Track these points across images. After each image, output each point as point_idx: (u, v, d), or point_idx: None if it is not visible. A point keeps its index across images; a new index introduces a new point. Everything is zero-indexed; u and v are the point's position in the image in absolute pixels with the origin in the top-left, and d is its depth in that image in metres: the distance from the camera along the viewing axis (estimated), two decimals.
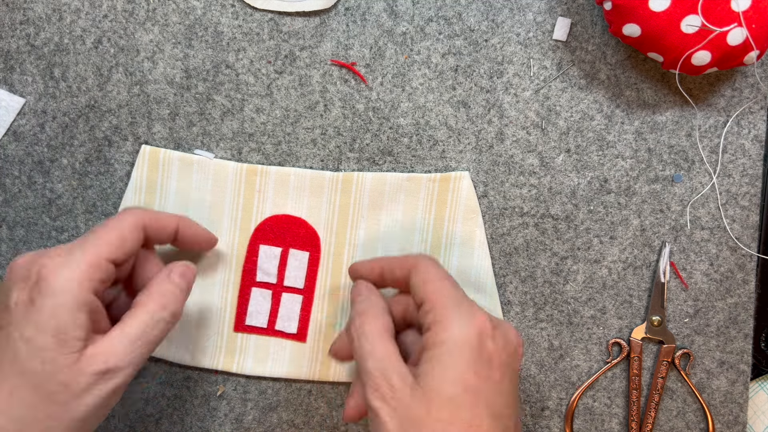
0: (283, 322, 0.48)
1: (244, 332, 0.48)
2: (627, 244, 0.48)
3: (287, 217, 0.48)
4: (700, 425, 0.49)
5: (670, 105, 0.47)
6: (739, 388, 0.48)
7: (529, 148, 0.48)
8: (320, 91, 0.48)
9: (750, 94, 0.47)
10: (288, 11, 0.47)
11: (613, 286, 0.48)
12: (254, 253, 0.48)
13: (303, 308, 0.48)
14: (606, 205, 0.48)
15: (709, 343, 0.48)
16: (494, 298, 0.48)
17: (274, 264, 0.48)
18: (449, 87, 0.47)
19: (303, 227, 0.48)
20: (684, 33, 0.41)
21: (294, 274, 0.48)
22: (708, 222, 0.48)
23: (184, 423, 0.49)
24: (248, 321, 0.48)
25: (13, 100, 0.46)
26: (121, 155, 0.48)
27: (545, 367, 0.49)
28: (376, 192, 0.48)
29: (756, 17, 0.41)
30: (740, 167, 0.47)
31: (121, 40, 0.48)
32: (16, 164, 0.49)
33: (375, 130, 0.48)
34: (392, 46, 0.47)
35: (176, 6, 0.47)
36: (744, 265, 0.48)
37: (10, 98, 0.47)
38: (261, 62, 0.47)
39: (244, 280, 0.48)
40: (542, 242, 0.48)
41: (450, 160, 0.48)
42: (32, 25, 0.48)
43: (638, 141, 0.47)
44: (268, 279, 0.48)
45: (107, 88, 0.48)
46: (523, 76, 0.47)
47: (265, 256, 0.48)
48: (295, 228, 0.48)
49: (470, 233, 0.48)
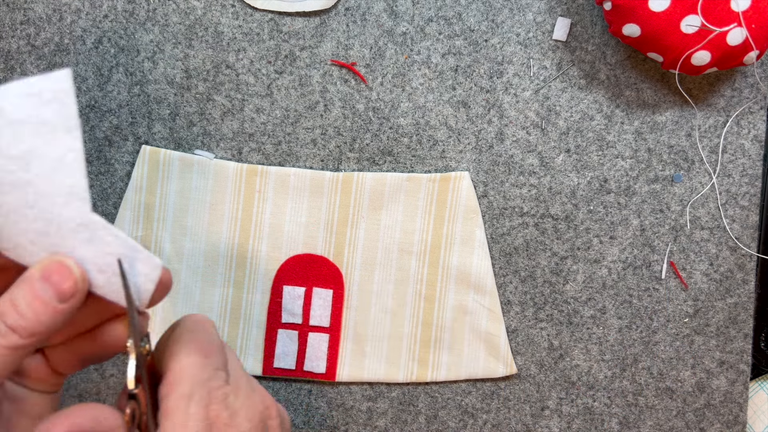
0: (311, 363, 0.48)
1: (273, 375, 0.49)
2: (627, 244, 0.48)
3: (309, 256, 0.48)
4: (699, 425, 0.49)
5: (670, 105, 0.47)
6: (739, 388, 0.49)
7: (529, 148, 0.48)
8: (320, 91, 0.48)
9: (750, 94, 0.47)
10: (288, 11, 0.47)
11: (613, 286, 0.48)
12: (278, 294, 0.48)
13: (330, 347, 0.48)
14: (606, 205, 0.48)
15: (708, 342, 0.48)
16: (494, 298, 0.48)
17: (298, 304, 0.48)
18: (449, 87, 0.47)
19: (325, 265, 0.48)
20: (684, 33, 0.41)
21: (319, 313, 0.48)
22: (708, 222, 0.48)
23: None
24: (276, 363, 0.48)
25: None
26: (121, 155, 0.48)
27: (545, 366, 0.49)
28: (376, 192, 0.48)
29: (756, 17, 0.41)
30: (740, 167, 0.47)
31: (122, 40, 0.48)
32: None
33: (375, 130, 0.48)
34: (392, 46, 0.47)
35: (176, 6, 0.47)
36: (744, 265, 0.48)
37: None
38: (261, 62, 0.47)
39: (270, 322, 0.48)
40: (542, 242, 0.48)
41: (450, 160, 0.48)
42: (33, 26, 0.48)
43: (638, 141, 0.47)
44: (293, 320, 0.48)
45: (107, 88, 0.48)
46: (523, 76, 0.47)
47: (290, 297, 0.48)
48: (318, 266, 0.48)
49: (470, 233, 0.48)
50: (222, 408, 0.29)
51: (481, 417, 0.49)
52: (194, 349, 0.29)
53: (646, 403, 0.49)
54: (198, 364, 0.29)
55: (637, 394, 0.49)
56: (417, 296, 0.48)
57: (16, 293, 0.27)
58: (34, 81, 0.24)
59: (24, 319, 0.27)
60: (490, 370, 0.48)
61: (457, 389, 0.49)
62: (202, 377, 0.29)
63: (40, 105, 0.24)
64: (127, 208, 0.48)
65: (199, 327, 0.31)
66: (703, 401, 0.49)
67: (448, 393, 0.49)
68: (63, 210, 0.27)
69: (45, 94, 0.24)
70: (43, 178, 0.25)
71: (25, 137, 0.25)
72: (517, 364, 0.49)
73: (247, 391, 0.31)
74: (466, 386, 0.49)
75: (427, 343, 0.48)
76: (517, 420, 0.49)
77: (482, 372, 0.49)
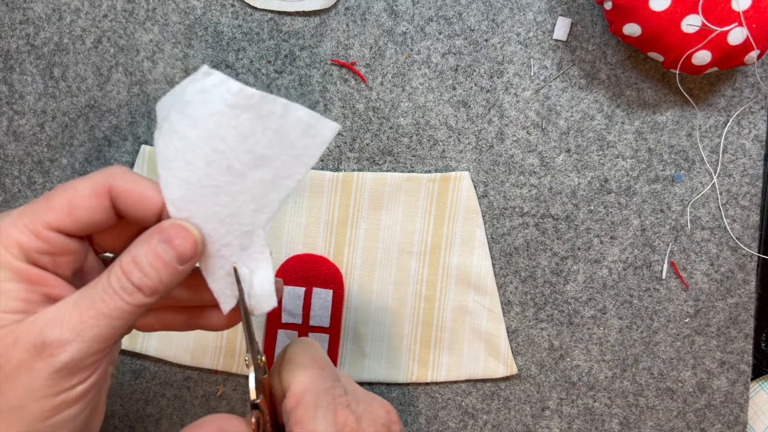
0: None
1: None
2: (627, 244, 0.48)
3: (309, 256, 0.48)
4: (700, 425, 0.49)
5: (671, 105, 0.47)
6: (740, 389, 0.48)
7: (529, 147, 0.47)
8: (320, 91, 0.47)
9: (750, 94, 0.47)
10: (288, 11, 0.47)
11: (614, 286, 0.48)
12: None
13: (330, 347, 0.48)
14: (606, 205, 0.48)
15: (709, 343, 0.48)
16: (494, 298, 0.48)
17: (298, 304, 0.48)
18: (449, 87, 0.47)
19: (325, 265, 0.48)
20: (684, 33, 0.41)
21: (319, 314, 0.48)
22: (708, 222, 0.48)
23: (183, 423, 0.49)
24: None
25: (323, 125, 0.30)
26: (120, 155, 0.48)
27: (545, 367, 0.49)
28: (376, 192, 0.48)
29: (756, 17, 0.40)
30: (741, 167, 0.47)
31: (121, 39, 0.47)
32: (15, 164, 0.49)
33: (375, 130, 0.48)
34: (392, 45, 0.47)
35: (176, 6, 0.47)
36: (744, 265, 0.48)
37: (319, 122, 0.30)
38: (261, 62, 0.47)
39: (270, 323, 0.48)
40: (542, 242, 0.48)
41: (450, 160, 0.48)
42: (32, 25, 0.48)
43: (639, 141, 0.47)
44: (293, 320, 0.48)
45: (107, 88, 0.48)
46: (524, 75, 0.47)
47: (289, 297, 0.48)
48: (317, 266, 0.48)
49: (470, 233, 0.48)
50: (348, 413, 0.31)
51: (482, 417, 0.49)
52: (310, 363, 0.31)
53: (647, 403, 0.49)
54: (317, 376, 0.31)
55: (637, 395, 0.49)
56: (417, 296, 0.48)
57: (137, 253, 0.28)
58: (314, 116, 0.28)
59: (148, 278, 0.28)
60: (491, 370, 0.48)
61: (458, 390, 0.49)
62: (324, 386, 0.31)
63: (304, 133, 0.29)
64: None
65: (308, 346, 0.33)
66: (703, 402, 0.49)
67: (449, 393, 0.49)
68: (250, 213, 0.29)
69: (312, 129, 0.29)
70: (262, 181, 0.29)
71: (274, 146, 0.28)
72: (517, 364, 0.49)
73: (366, 399, 0.33)
74: (466, 387, 0.49)
75: (428, 343, 0.48)
76: (518, 420, 0.49)
77: (482, 372, 0.48)
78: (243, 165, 0.28)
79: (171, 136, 0.28)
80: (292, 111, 0.28)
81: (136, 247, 0.28)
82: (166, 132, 0.28)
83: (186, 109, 0.27)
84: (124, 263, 0.28)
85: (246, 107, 0.27)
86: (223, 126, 0.27)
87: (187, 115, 0.27)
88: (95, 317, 0.27)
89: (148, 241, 0.28)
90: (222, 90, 0.27)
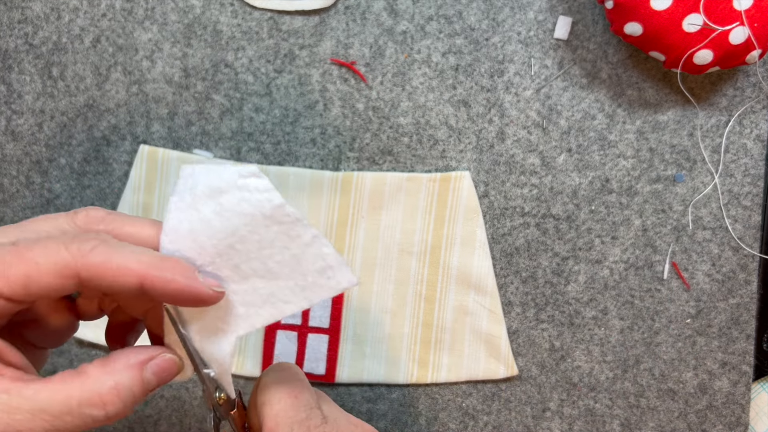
0: (310, 364, 0.48)
1: None
2: (629, 245, 0.48)
3: None
4: (701, 427, 0.49)
5: (672, 104, 0.47)
6: (741, 389, 0.48)
7: (530, 147, 0.47)
8: (320, 91, 0.47)
9: (752, 94, 0.47)
10: (287, 10, 0.47)
11: (615, 286, 0.48)
12: None
13: (330, 348, 0.48)
14: (607, 205, 0.48)
15: (711, 344, 0.48)
16: (495, 299, 0.48)
17: None
18: (450, 86, 0.47)
19: None
20: (686, 32, 0.41)
21: (318, 314, 0.48)
22: (710, 222, 0.48)
23: (182, 424, 0.49)
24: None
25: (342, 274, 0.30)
26: (119, 155, 0.48)
27: (546, 368, 0.48)
28: (376, 192, 0.47)
29: (758, 16, 0.40)
30: (742, 167, 0.47)
31: (120, 39, 0.47)
32: (14, 164, 0.48)
33: (375, 130, 0.47)
34: (392, 44, 0.47)
35: (175, 5, 0.47)
36: (746, 266, 0.48)
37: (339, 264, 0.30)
38: (260, 61, 0.47)
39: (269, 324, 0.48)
40: (543, 242, 0.48)
41: (450, 160, 0.48)
42: (30, 24, 0.47)
43: (640, 140, 0.47)
44: (292, 320, 0.48)
45: (105, 88, 0.48)
46: (524, 75, 0.47)
47: None
48: None
49: (471, 233, 0.47)
50: None
51: (482, 419, 0.49)
52: (284, 393, 0.31)
53: (648, 404, 0.49)
54: (292, 406, 0.30)
55: (638, 396, 0.49)
56: (417, 297, 0.48)
57: (122, 381, 0.27)
58: (339, 260, 0.28)
59: (125, 406, 0.27)
60: (491, 371, 0.48)
61: (458, 391, 0.49)
62: (298, 417, 0.30)
63: (320, 271, 0.28)
64: (125, 208, 0.47)
65: (282, 373, 0.32)
66: (705, 403, 0.49)
67: (449, 394, 0.49)
68: (235, 316, 0.29)
69: (330, 272, 0.28)
70: (260, 293, 0.29)
71: (287, 267, 0.28)
72: (518, 365, 0.48)
73: (348, 427, 0.32)
74: (466, 387, 0.49)
75: (428, 344, 0.48)
76: (518, 422, 0.49)
77: (483, 373, 0.48)
78: (250, 270, 0.28)
79: (191, 214, 0.27)
80: (320, 245, 0.28)
81: (119, 372, 0.26)
82: (186, 206, 0.28)
83: (219, 196, 0.27)
84: (105, 392, 0.26)
85: (279, 222, 0.27)
86: (250, 230, 0.27)
87: (218, 203, 0.27)
88: (47, 420, 0.25)
89: (137, 368, 0.27)
90: (263, 197, 0.27)
